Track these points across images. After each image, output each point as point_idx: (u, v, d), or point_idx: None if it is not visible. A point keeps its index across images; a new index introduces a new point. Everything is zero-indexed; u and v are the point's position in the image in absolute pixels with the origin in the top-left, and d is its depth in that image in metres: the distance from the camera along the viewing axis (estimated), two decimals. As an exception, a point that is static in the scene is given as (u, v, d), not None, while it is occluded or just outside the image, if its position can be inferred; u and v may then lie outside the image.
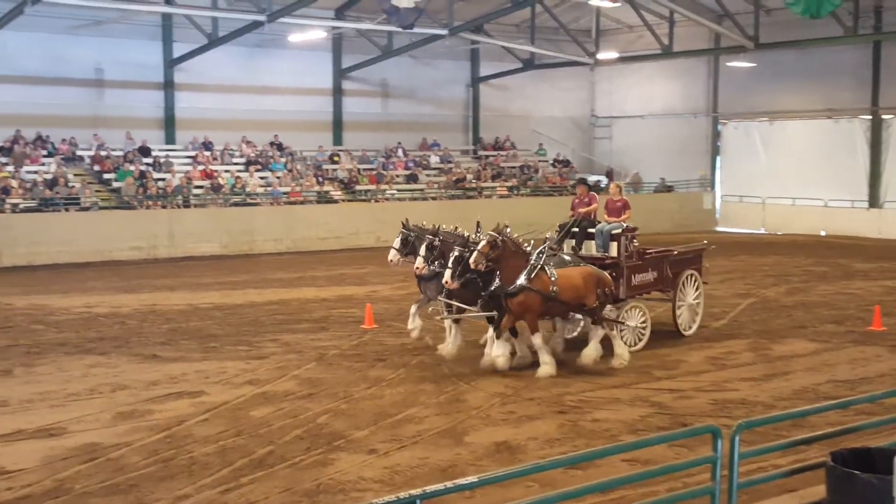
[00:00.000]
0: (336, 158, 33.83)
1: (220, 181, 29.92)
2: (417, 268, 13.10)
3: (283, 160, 32.38)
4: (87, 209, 26.72)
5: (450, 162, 35.96)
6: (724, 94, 38.44)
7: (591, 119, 42.24)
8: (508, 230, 12.55)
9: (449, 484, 5.22)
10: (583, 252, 14.35)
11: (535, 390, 11.44)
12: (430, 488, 5.05)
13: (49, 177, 27.14)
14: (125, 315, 16.80)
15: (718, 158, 38.88)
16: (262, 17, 27.86)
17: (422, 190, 33.42)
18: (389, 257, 13.98)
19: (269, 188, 30.43)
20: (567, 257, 13.30)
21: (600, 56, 35.50)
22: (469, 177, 34.83)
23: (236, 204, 29.39)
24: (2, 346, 13.97)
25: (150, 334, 14.99)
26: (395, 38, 33.16)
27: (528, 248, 12.52)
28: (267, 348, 13.92)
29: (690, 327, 14.88)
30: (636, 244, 14.30)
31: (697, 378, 12.22)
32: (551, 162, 38.45)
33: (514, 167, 36.84)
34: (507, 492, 7.56)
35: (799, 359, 13.44)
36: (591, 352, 12.57)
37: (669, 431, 9.27)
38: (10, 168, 27.23)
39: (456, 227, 13.60)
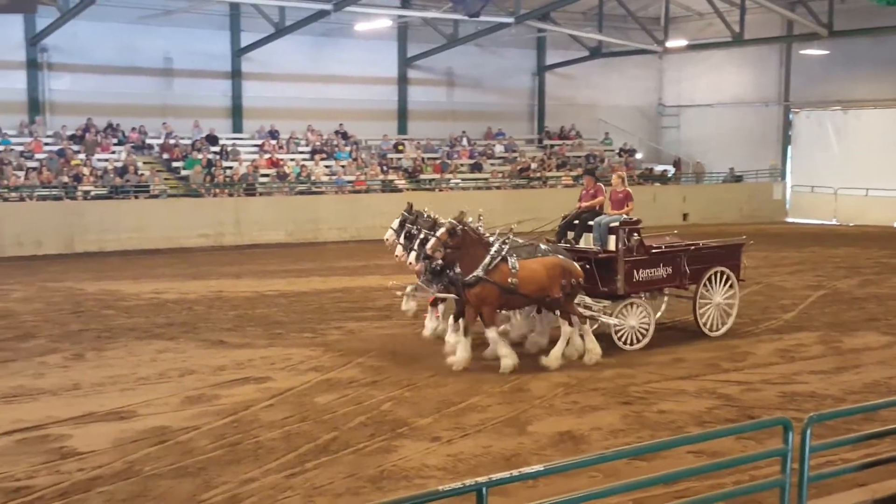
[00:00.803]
0: (400, 147, 33.93)
1: (286, 170, 30.21)
2: (397, 255, 12.92)
3: (348, 149, 32.57)
4: (155, 197, 27.21)
5: (514, 151, 35.80)
6: (796, 82, 37.64)
7: (658, 108, 41.69)
8: (474, 220, 12.39)
9: (514, 472, 5.18)
10: (582, 245, 13.66)
11: (600, 381, 11.34)
12: (495, 476, 5.02)
13: (119, 165, 27.69)
14: (193, 301, 17.07)
15: (789, 148, 38.08)
16: (328, 6, 28.03)
17: (486, 179, 33.34)
18: (385, 236, 13.54)
19: (333, 177, 30.64)
20: (543, 247, 12.69)
21: (669, 44, 34.94)
22: (533, 166, 34.64)
23: (301, 192, 29.65)
24: (74, 331, 14.30)
25: (217, 320, 15.19)
26: (461, 27, 33.11)
27: (493, 239, 12.14)
28: (331, 335, 14.02)
29: (718, 328, 14.01)
30: (637, 237, 13.30)
31: (766, 370, 11.99)
32: (617, 151, 38.04)
33: (579, 156, 36.53)
34: (571, 482, 7.50)
35: (870, 352, 13.12)
36: (556, 353, 12.07)
37: (738, 423, 9.12)
38: (82, 156, 27.85)
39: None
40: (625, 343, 12.97)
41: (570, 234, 14.06)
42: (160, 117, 30.64)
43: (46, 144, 28.17)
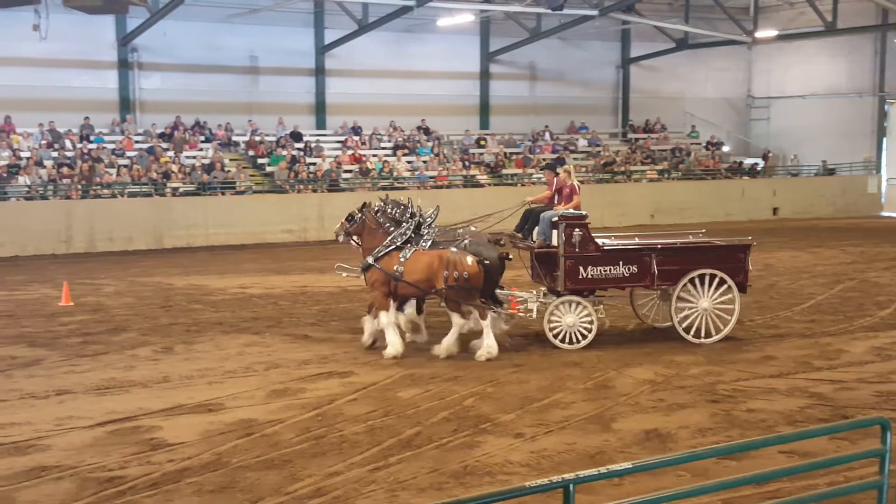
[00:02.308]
0: (483, 142, 33.86)
1: (369, 165, 30.42)
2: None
3: (430, 144, 32.64)
4: (241, 193, 27.67)
5: (598, 145, 35.41)
6: (891, 72, 36.36)
7: (747, 100, 40.76)
8: (380, 206, 12.86)
9: (602, 469, 5.08)
10: (533, 240, 13.34)
11: (686, 378, 11.11)
12: (583, 473, 4.92)
13: (206, 162, 28.25)
14: (278, 296, 17.29)
15: (884, 140, 36.82)
16: (411, 2, 28.11)
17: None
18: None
19: (416, 172, 30.73)
20: (468, 240, 12.81)
21: (758, 34, 34.10)
22: (618, 160, 34.21)
23: (384, 188, 29.78)
24: (164, 325, 14.61)
25: (302, 315, 15.36)
26: (544, 20, 32.89)
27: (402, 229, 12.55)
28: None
29: (709, 336, 12.92)
30: (579, 232, 12.67)
31: (861, 369, 11.59)
32: (704, 144, 37.29)
33: (664, 150, 35.96)
34: (658, 480, 7.36)
35: (974, 351, 12.57)
36: (446, 343, 12.23)
37: (832, 423, 8.82)
38: (171, 153, 28.50)
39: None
40: (562, 341, 12.61)
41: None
42: (246, 115, 31.17)
43: (137, 142, 28.91)
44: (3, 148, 26.84)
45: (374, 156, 31.31)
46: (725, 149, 37.73)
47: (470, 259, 12.21)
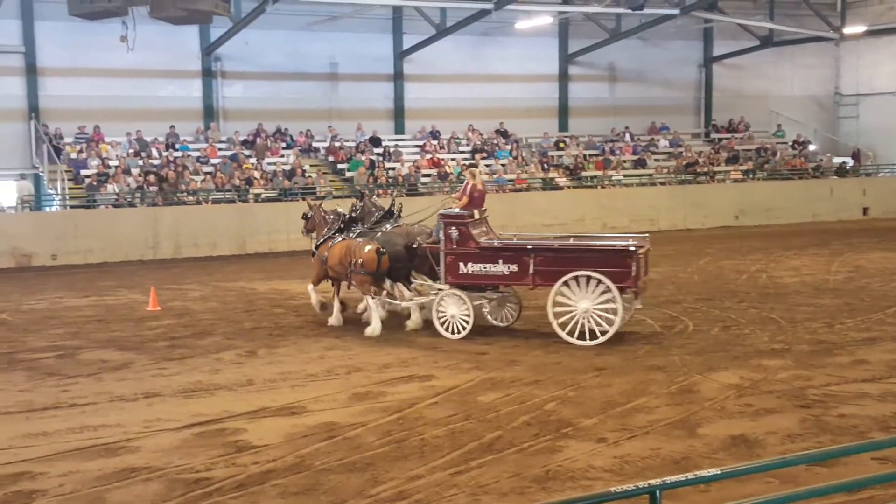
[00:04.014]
0: (562, 145, 33.63)
1: (447, 169, 30.47)
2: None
3: (509, 147, 32.55)
4: (322, 198, 27.95)
5: (680, 146, 34.85)
6: None
7: (835, 97, 39.62)
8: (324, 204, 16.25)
9: (689, 475, 4.96)
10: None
11: (774, 383, 10.82)
12: (669, 479, 4.82)
13: (287, 168, 28.65)
14: (358, 300, 17.34)
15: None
16: (489, 6, 28.11)
17: (650, 175, 32.60)
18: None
19: (494, 175, 30.67)
20: (380, 233, 14.60)
21: (846, 30, 33.15)
22: (700, 161, 33.62)
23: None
24: (247, 329, 14.84)
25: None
26: (624, 20, 32.51)
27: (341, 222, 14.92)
28: (493, 335, 13.98)
29: (596, 337, 12.81)
30: (456, 230, 13.43)
31: (960, 374, 11.14)
32: (790, 144, 36.40)
33: (749, 150, 35.21)
34: (745, 487, 7.18)
35: None
36: (373, 324, 13.98)
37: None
38: (253, 160, 28.98)
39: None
40: (447, 330, 13.55)
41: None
42: (326, 121, 31.52)
43: (220, 149, 29.48)
44: (93, 157, 27.64)
45: (453, 160, 31.35)
46: (812, 148, 36.75)
47: (367, 248, 13.97)
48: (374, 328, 13.91)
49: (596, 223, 29.26)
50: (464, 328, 13.50)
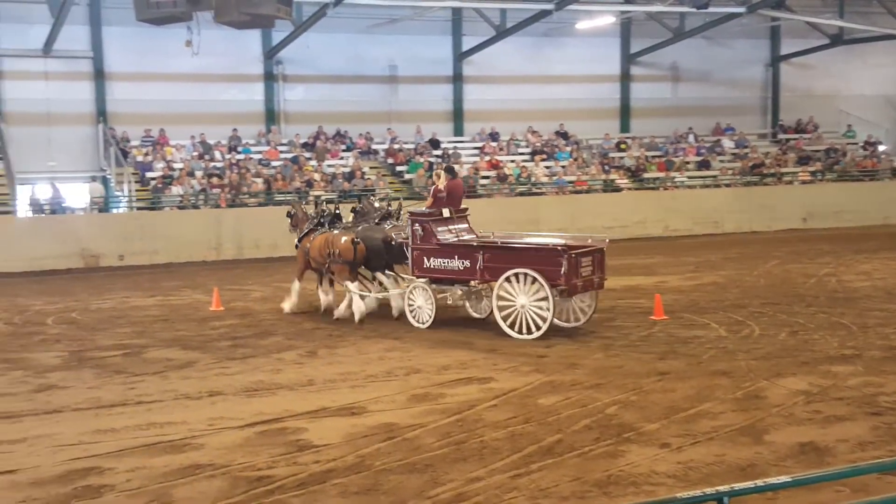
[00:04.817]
0: (623, 146, 33.31)
1: (506, 171, 30.38)
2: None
3: (569, 149, 32.34)
4: (382, 200, 28.05)
5: (745, 147, 34.28)
6: None
7: (907, 96, 38.69)
8: (307, 203, 17.88)
9: (759, 482, 4.82)
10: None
11: (844, 389, 10.53)
12: (738, 486, 4.69)
13: (347, 170, 28.82)
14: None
15: None
16: (550, 6, 27.98)
17: (714, 177, 32.13)
18: None
19: (554, 177, 30.50)
20: (361, 227, 15.81)
21: (919, 28, 32.34)
22: (767, 162, 33.03)
23: (521, 194, 29.71)
24: (308, 329, 14.93)
25: (439, 320, 15.36)
26: (688, 19, 32.10)
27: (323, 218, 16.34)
28: (553, 337, 13.84)
29: (531, 332, 13.47)
30: (420, 227, 14.54)
31: None
32: (861, 144, 35.57)
33: (818, 150, 34.49)
34: (814, 495, 6.99)
35: None
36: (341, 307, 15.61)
37: None
38: (314, 162, 29.21)
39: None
40: (414, 319, 14.63)
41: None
42: (385, 123, 31.68)
43: (281, 152, 29.78)
44: (158, 160, 28.12)
45: (512, 161, 31.25)
46: (883, 148, 35.87)
47: (343, 239, 15.23)
48: (358, 306, 15.16)
49: (657, 226, 28.94)
50: (429, 318, 14.57)
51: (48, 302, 18.72)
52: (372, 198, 18.00)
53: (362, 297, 15.34)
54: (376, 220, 16.31)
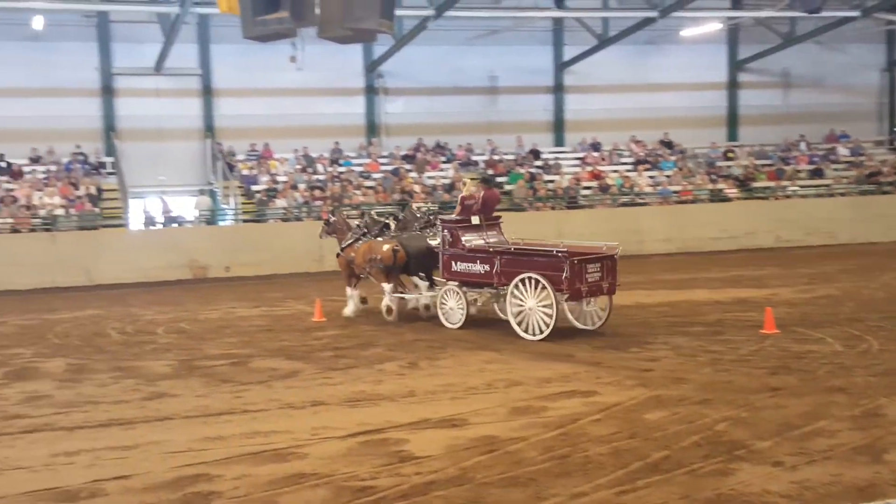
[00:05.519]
0: (731, 155, 32.53)
1: (609, 181, 29.99)
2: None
3: (674, 158, 31.75)
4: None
5: (861, 154, 33.07)
6: None
7: None
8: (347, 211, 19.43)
9: (879, 503, 4.56)
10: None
11: (972, 408, 9.97)
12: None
13: (447, 181, 28.89)
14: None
15: None
16: (653, 14, 27.53)
17: (828, 186, 31.07)
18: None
19: (658, 187, 29.97)
20: (406, 235, 16.82)
21: None
22: (884, 170, 31.77)
23: (624, 204, 29.27)
24: (408, 340, 14.95)
25: (556, 333, 15.17)
26: (798, 24, 31.19)
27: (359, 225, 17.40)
28: (658, 350, 13.54)
29: (540, 333, 14.31)
30: (448, 233, 15.55)
31: None
32: None
33: (939, 158, 33.08)
34: (939, 519, 6.59)
35: None
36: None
37: None
38: (414, 174, 29.38)
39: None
40: (446, 320, 15.57)
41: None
42: (485, 134, 31.68)
43: (382, 164, 30.05)
44: (262, 173, 28.71)
45: (615, 171, 30.84)
46: None
47: (385, 246, 16.29)
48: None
49: (768, 236, 28.16)
50: (461, 319, 15.44)
51: (159, 312, 19.28)
52: (414, 207, 18.79)
53: (403, 299, 16.72)
54: (418, 229, 17.10)
